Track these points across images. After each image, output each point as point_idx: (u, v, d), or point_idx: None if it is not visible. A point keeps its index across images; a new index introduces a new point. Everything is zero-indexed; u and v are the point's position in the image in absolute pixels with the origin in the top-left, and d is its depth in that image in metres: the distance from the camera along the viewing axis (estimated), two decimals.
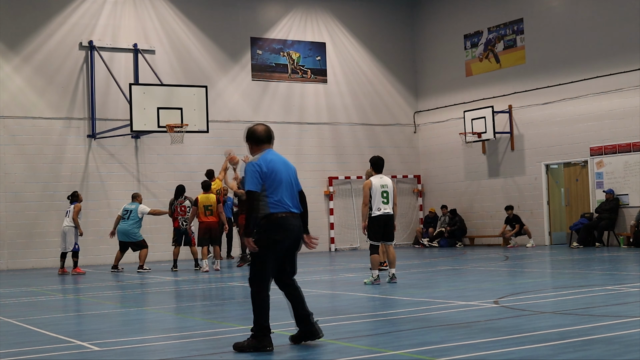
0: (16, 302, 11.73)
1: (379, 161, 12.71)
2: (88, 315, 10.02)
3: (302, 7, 24.83)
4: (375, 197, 12.28)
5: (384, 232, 12.34)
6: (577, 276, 12.93)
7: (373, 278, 12.30)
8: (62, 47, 21.21)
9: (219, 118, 22.62)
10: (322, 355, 6.47)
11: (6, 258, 20.10)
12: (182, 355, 6.83)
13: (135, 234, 17.49)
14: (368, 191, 12.35)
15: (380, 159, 12.78)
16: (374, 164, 12.73)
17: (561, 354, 6.07)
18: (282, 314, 9.29)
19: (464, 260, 17.61)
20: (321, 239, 23.81)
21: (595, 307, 8.83)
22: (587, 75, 21.04)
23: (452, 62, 25.09)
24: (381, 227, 12.28)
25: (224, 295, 12.14)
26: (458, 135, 24.14)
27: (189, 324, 8.95)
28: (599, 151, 20.80)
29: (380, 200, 12.28)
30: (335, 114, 25.07)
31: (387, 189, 12.36)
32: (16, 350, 7.20)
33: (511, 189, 23.18)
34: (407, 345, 6.67)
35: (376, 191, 12.32)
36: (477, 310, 8.81)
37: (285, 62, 24.46)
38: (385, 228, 12.32)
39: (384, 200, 12.29)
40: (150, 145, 21.92)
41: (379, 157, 12.88)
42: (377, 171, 12.63)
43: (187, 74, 22.71)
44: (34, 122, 20.66)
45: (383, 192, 12.32)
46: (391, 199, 12.37)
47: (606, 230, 20.34)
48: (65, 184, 20.64)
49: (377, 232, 12.30)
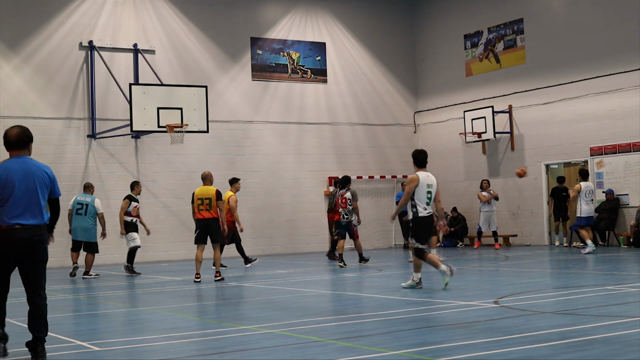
0: (16, 302, 11.73)
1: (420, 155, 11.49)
2: (88, 315, 10.02)
3: (302, 7, 24.83)
4: (420, 195, 11.11)
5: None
6: (577, 276, 12.93)
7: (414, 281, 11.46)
8: (62, 47, 21.20)
9: (219, 118, 22.63)
10: (322, 355, 6.46)
11: None
12: (182, 355, 6.83)
13: (94, 234, 16.00)
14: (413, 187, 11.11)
15: (423, 151, 11.60)
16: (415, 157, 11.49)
17: (561, 354, 6.07)
18: (283, 314, 9.30)
19: (464, 260, 17.61)
20: (321, 239, 23.81)
21: (595, 307, 8.83)
22: (587, 75, 21.04)
23: (452, 62, 25.08)
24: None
25: (224, 295, 12.13)
26: (458, 135, 24.14)
27: (189, 324, 8.95)
28: (599, 151, 20.79)
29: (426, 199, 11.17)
30: (335, 114, 25.07)
31: (432, 189, 11.24)
32: (16, 350, 7.20)
33: (511, 189, 23.17)
34: (407, 345, 6.66)
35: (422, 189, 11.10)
36: (477, 310, 8.81)
37: (285, 62, 24.45)
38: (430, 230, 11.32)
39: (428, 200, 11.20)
40: (150, 145, 21.92)
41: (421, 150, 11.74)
42: (421, 166, 11.38)
43: (187, 74, 22.71)
44: (34, 122, 20.61)
45: (428, 193, 11.19)
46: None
47: (606, 230, 20.34)
48: (65, 184, 20.60)
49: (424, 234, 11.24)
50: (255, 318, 9.22)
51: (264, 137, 23.80)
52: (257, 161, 23.34)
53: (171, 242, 21.70)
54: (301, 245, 23.86)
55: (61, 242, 20.59)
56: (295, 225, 23.88)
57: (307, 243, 23.96)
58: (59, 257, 20.62)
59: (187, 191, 21.85)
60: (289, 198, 23.93)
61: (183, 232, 21.14)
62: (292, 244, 23.77)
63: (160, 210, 21.75)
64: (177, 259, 21.36)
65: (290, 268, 17.18)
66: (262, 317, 9.24)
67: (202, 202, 14.17)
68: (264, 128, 23.84)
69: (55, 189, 7.05)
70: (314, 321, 8.44)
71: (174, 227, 21.82)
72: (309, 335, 7.46)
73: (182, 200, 21.82)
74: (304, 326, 8.07)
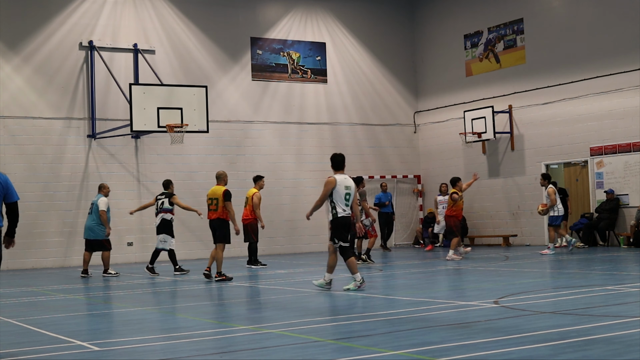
0: (16, 302, 11.73)
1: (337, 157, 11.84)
2: (88, 315, 10.02)
3: (302, 7, 24.83)
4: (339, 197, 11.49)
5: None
6: (577, 276, 12.93)
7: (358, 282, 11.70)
8: (62, 47, 21.20)
9: (219, 118, 22.63)
10: (322, 355, 6.46)
11: (6, 258, 20.03)
12: (182, 355, 6.83)
13: (99, 233, 16.12)
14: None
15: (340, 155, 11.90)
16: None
17: (561, 354, 6.07)
18: (283, 314, 9.30)
19: (464, 260, 17.61)
20: (321, 239, 23.82)
21: (595, 307, 8.83)
22: (587, 75, 21.04)
23: (452, 62, 25.09)
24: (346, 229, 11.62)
25: (224, 295, 12.13)
26: (458, 135, 24.14)
27: (189, 324, 8.95)
28: (599, 151, 20.80)
29: (344, 201, 11.51)
30: (335, 114, 25.07)
31: (350, 191, 11.58)
32: (16, 350, 7.20)
33: (511, 189, 23.18)
34: (407, 345, 6.66)
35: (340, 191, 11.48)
36: (477, 310, 8.81)
37: (285, 62, 24.46)
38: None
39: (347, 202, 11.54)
40: (150, 145, 21.92)
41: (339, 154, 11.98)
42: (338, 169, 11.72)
43: (187, 74, 22.72)
44: (34, 122, 20.66)
45: (346, 195, 11.52)
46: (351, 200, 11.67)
47: (606, 230, 20.34)
48: (65, 184, 20.65)
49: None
50: (255, 318, 9.22)
51: (264, 137, 23.80)
52: (257, 161, 23.34)
53: None
54: (301, 245, 23.87)
55: (61, 242, 20.63)
56: (295, 225, 23.88)
57: (307, 243, 23.97)
58: (59, 257, 20.67)
59: (187, 191, 21.91)
60: (289, 198, 23.93)
61: (183, 232, 21.12)
62: (292, 244, 23.78)
63: None
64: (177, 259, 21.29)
65: (290, 268, 17.18)
66: (262, 317, 9.24)
67: (211, 202, 14.36)
68: (264, 128, 23.84)
69: (10, 193, 7.16)
70: (314, 321, 8.44)
71: (173, 227, 21.75)
72: (309, 335, 7.46)
73: (182, 200, 21.80)
74: (304, 326, 8.07)
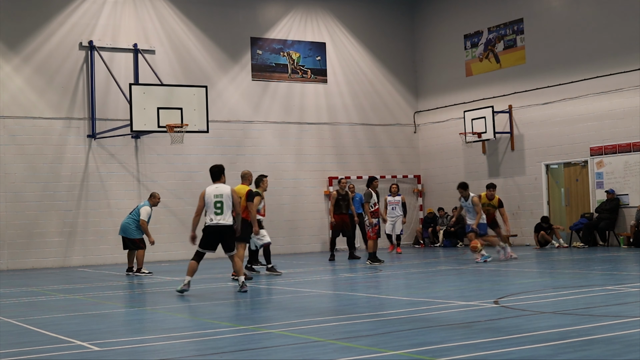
0: (16, 302, 11.73)
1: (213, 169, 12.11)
2: (88, 315, 10.02)
3: (302, 7, 24.83)
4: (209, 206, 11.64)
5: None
6: (577, 276, 12.93)
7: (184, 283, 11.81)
8: (62, 47, 21.20)
9: (219, 118, 22.64)
10: (322, 355, 6.46)
11: (6, 258, 20.09)
12: (182, 355, 6.83)
13: (131, 231, 16.43)
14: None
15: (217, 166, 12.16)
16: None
17: (561, 354, 6.07)
18: (282, 314, 9.30)
19: (464, 260, 17.61)
20: (321, 239, 23.82)
21: (595, 307, 8.83)
22: (587, 75, 21.04)
23: (452, 62, 25.09)
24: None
25: (224, 295, 12.13)
26: (458, 135, 24.15)
27: (189, 324, 8.95)
28: (599, 151, 20.80)
29: (213, 210, 11.62)
30: (335, 114, 25.07)
31: (222, 199, 11.68)
32: (16, 350, 7.20)
33: (511, 189, 23.18)
34: (407, 345, 6.66)
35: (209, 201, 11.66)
36: (477, 310, 8.81)
37: (285, 62, 24.46)
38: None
39: (217, 210, 11.64)
40: (150, 145, 21.92)
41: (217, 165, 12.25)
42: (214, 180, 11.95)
43: (187, 74, 22.72)
44: (34, 122, 20.66)
45: (217, 202, 11.65)
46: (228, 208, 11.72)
47: (606, 230, 20.34)
48: (65, 184, 20.65)
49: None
50: (255, 318, 9.22)
51: (264, 137, 23.80)
52: (257, 161, 23.33)
53: (171, 242, 21.69)
54: (301, 245, 23.87)
55: (61, 242, 20.63)
56: (295, 225, 23.88)
57: (307, 243, 23.97)
58: (59, 257, 20.67)
59: (187, 191, 21.93)
60: (289, 198, 23.94)
61: (183, 232, 21.08)
62: (292, 244, 23.77)
63: (160, 210, 21.65)
64: (177, 259, 21.36)
65: (290, 268, 17.18)
66: (262, 317, 9.25)
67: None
68: (264, 128, 23.84)
69: None
70: (314, 321, 8.44)
71: (174, 227, 21.82)
72: (309, 335, 7.46)
73: (182, 200, 21.85)
74: (304, 326, 8.07)
